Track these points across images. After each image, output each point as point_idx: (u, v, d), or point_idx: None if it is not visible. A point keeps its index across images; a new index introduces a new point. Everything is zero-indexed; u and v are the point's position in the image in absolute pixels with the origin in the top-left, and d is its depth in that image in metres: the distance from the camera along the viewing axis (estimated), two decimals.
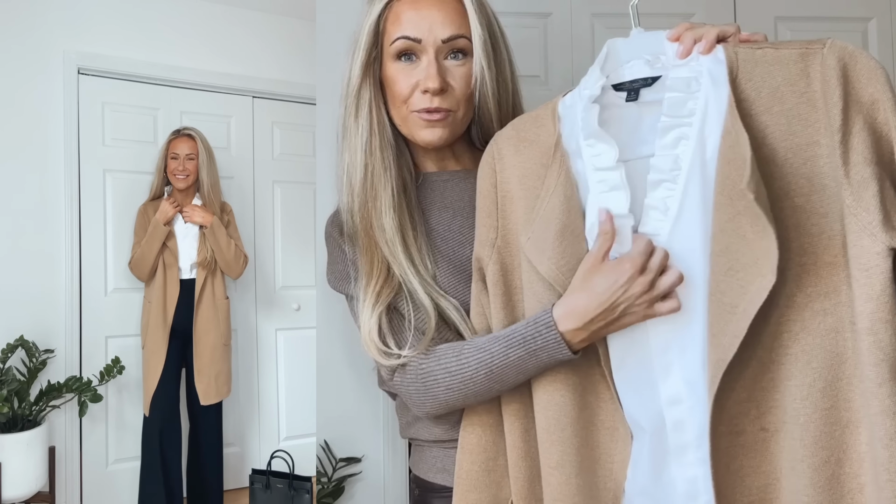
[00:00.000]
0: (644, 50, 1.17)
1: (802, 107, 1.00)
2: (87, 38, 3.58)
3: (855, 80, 0.98)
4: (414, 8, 1.34)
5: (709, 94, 1.06)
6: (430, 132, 1.36)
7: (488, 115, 1.39)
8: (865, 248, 0.94)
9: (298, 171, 4.33)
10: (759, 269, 0.95)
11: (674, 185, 1.07)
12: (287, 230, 4.34)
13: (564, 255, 1.12)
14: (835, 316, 0.98)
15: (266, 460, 3.67)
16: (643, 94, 1.15)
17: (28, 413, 3.04)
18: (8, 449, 2.91)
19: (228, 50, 4.09)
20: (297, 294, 4.33)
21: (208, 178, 3.62)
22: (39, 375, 3.16)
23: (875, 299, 0.93)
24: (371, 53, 1.38)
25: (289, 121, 4.36)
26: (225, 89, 4.09)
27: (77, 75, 3.53)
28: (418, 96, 1.34)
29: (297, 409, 4.29)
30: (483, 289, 1.27)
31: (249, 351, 4.17)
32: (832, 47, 1.00)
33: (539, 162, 1.20)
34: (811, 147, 0.99)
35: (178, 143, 3.58)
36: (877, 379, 0.92)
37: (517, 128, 1.27)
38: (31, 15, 3.43)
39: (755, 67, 1.04)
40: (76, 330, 3.43)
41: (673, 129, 1.08)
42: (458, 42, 1.34)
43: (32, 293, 3.33)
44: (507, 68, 1.42)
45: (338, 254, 1.47)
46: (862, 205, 0.95)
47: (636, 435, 1.14)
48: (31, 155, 3.39)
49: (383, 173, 1.38)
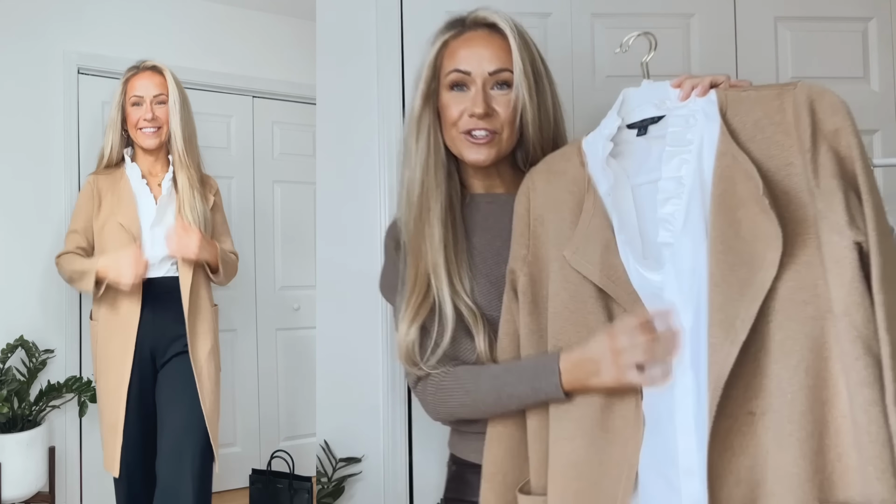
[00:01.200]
0: (652, 96, 1.40)
1: (779, 135, 1.23)
2: (87, 38, 3.56)
3: (821, 111, 1.20)
4: (466, 46, 1.61)
5: (703, 127, 1.29)
6: (476, 152, 1.60)
7: (530, 139, 1.62)
8: (835, 243, 1.13)
9: (299, 170, 4.33)
10: (760, 263, 1.14)
11: (679, 200, 1.28)
12: (287, 230, 4.35)
13: (612, 266, 1.33)
14: (813, 305, 1.14)
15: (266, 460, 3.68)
16: (651, 129, 1.39)
17: (28, 413, 3.04)
18: (8, 449, 2.91)
19: (228, 50, 4.09)
20: (296, 294, 4.33)
21: (183, 132, 2.68)
22: (39, 375, 3.15)
23: (846, 285, 1.11)
24: (430, 85, 1.64)
25: (289, 120, 4.36)
26: (225, 89, 4.08)
27: (77, 75, 3.52)
28: (466, 119, 1.59)
29: (298, 409, 4.30)
30: (514, 298, 1.48)
31: (249, 351, 4.17)
32: (802, 87, 1.24)
33: (567, 189, 1.44)
34: (788, 167, 1.21)
35: (140, 82, 2.69)
36: (853, 353, 1.09)
37: (548, 163, 1.52)
38: (31, 15, 3.42)
39: (740, 105, 1.28)
40: (76, 330, 3.42)
41: (676, 156, 1.31)
42: (503, 75, 1.59)
43: (32, 293, 3.33)
44: (548, 99, 1.64)
45: (390, 264, 1.75)
46: (831, 209, 1.14)
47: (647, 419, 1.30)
48: (31, 154, 3.38)
49: (435, 189, 1.62)
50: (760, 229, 1.16)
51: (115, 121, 2.72)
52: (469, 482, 1.62)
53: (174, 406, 2.56)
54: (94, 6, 3.61)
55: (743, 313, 1.14)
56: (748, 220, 1.18)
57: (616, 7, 2.46)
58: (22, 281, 3.30)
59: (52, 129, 3.45)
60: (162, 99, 2.66)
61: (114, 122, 2.72)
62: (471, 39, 1.62)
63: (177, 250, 2.57)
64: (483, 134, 1.59)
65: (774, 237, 1.14)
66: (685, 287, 1.24)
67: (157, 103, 2.66)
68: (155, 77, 2.69)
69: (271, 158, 4.34)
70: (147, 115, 2.63)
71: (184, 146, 2.67)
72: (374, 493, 2.30)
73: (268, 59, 4.23)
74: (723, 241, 1.19)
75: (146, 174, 2.71)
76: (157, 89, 2.67)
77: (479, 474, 1.53)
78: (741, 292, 1.15)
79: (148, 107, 2.64)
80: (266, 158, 4.32)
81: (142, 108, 2.65)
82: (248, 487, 3.56)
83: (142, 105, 2.65)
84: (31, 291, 3.32)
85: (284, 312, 4.33)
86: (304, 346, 4.24)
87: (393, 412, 2.31)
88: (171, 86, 2.66)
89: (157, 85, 2.67)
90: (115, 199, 2.67)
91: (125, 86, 2.70)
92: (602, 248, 1.35)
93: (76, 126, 3.51)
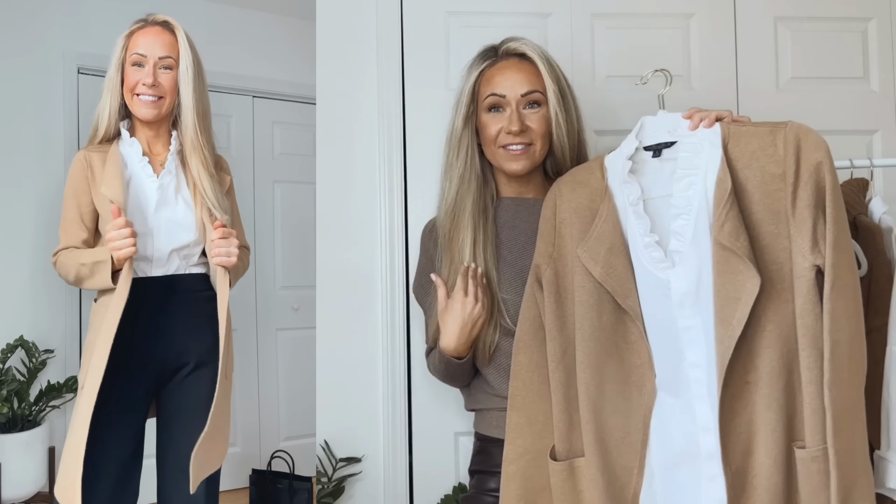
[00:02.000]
0: (666, 124, 1.64)
1: (770, 165, 1.50)
2: (86, 37, 3.57)
3: (805, 148, 1.48)
4: (500, 73, 1.88)
5: (709, 154, 1.55)
6: (515, 162, 1.87)
7: (560, 148, 1.90)
8: (799, 263, 1.47)
9: (299, 170, 4.34)
10: (750, 274, 1.45)
11: (688, 216, 1.53)
12: (287, 230, 4.35)
13: (612, 264, 1.59)
14: (791, 306, 1.48)
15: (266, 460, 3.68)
16: (664, 153, 1.62)
17: (28, 413, 3.04)
18: (8, 449, 2.91)
19: (228, 49, 4.08)
20: (296, 294, 4.33)
21: (196, 105, 2.22)
22: (39, 375, 3.16)
23: (803, 296, 1.46)
24: (469, 108, 1.91)
25: (289, 120, 4.37)
26: (225, 89, 4.07)
27: (77, 75, 3.53)
28: (503, 136, 1.86)
29: (298, 409, 4.30)
30: (539, 288, 1.71)
31: (249, 351, 4.17)
32: (791, 126, 1.51)
33: (589, 198, 1.68)
34: (777, 192, 1.49)
35: (145, 38, 2.16)
36: (803, 346, 1.46)
37: (573, 174, 1.75)
38: (31, 14, 3.42)
39: (740, 138, 1.54)
40: (76, 330, 3.43)
41: (685, 178, 1.55)
42: (533, 95, 1.86)
43: (32, 293, 3.33)
44: (573, 113, 1.91)
45: (427, 263, 2.01)
46: (800, 234, 1.46)
47: (660, 390, 1.59)
48: (31, 154, 3.38)
49: (469, 198, 1.90)
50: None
51: (113, 83, 2.17)
52: (492, 454, 1.85)
53: (184, 425, 2.16)
54: (93, 5, 3.62)
55: (738, 314, 1.46)
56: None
57: (616, 7, 2.46)
58: (21, 281, 3.30)
59: (53, 128, 3.45)
60: (168, 63, 2.15)
61: (112, 84, 2.17)
62: (504, 68, 1.89)
63: (218, 259, 2.13)
64: (519, 147, 1.86)
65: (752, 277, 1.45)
66: (691, 287, 1.52)
67: (161, 67, 2.14)
68: (164, 35, 2.17)
69: (271, 158, 4.34)
70: (147, 80, 2.12)
71: (196, 123, 2.20)
72: (374, 493, 2.30)
73: (268, 58, 4.23)
74: (723, 255, 1.48)
75: (146, 152, 2.20)
76: (163, 50, 2.14)
77: (500, 447, 1.75)
78: (737, 296, 1.46)
79: (150, 70, 2.12)
80: (266, 158, 4.32)
81: (143, 71, 2.13)
82: (249, 487, 3.56)
83: (143, 66, 2.13)
84: (30, 291, 3.32)
85: (284, 312, 4.33)
86: (303, 346, 4.24)
87: (393, 412, 2.31)
88: (182, 48, 2.18)
89: (164, 45, 2.15)
90: (111, 177, 2.11)
91: (127, 40, 2.18)
92: (606, 249, 1.60)
93: (76, 125, 3.51)
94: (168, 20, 2.21)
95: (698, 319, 1.53)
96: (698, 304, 1.52)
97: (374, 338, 2.33)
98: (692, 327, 1.54)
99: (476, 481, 1.94)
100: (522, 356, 1.72)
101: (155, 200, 2.15)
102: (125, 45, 2.17)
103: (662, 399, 1.58)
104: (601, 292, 1.61)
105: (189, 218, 2.18)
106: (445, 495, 2.27)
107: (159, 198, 2.15)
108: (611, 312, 1.61)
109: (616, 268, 1.59)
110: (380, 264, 2.34)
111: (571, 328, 1.65)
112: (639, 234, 1.57)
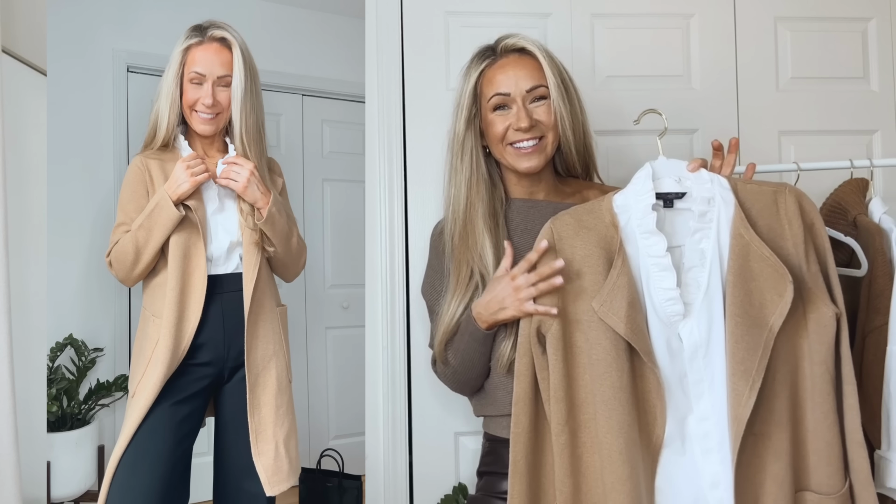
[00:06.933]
0: (671, 171, 1.69)
1: (774, 221, 1.63)
2: (135, 36, 3.58)
3: (804, 210, 1.63)
4: (502, 72, 1.84)
5: (721, 209, 1.63)
6: (527, 160, 1.83)
7: (567, 142, 1.87)
8: (824, 313, 1.57)
9: (348, 168, 4.33)
10: (780, 298, 1.53)
11: (702, 268, 1.61)
12: (336, 228, 4.34)
13: (635, 320, 1.57)
14: (795, 355, 1.58)
15: (316, 459, 3.67)
16: (676, 203, 1.68)
17: (77, 412, 3.06)
18: (57, 448, 2.92)
19: (278, 48, 4.08)
20: (346, 292, 4.32)
21: (246, 122, 2.23)
22: (88, 374, 3.17)
23: (826, 343, 1.56)
24: (472, 111, 1.87)
25: (338, 118, 4.36)
26: (274, 87, 4.06)
27: (126, 73, 3.54)
28: (511, 133, 1.82)
29: (347, 407, 4.28)
30: (537, 342, 1.64)
31: (299, 350, 4.16)
32: (791, 189, 1.65)
33: (597, 244, 1.64)
34: (780, 249, 1.60)
35: (203, 55, 2.20)
36: (826, 390, 1.56)
37: (575, 216, 1.69)
38: (81, 14, 3.44)
39: (748, 195, 1.65)
40: (125, 328, 3.44)
41: (698, 231, 1.63)
42: (538, 90, 1.83)
43: (82, 292, 3.35)
44: (577, 105, 1.87)
45: (436, 264, 1.97)
46: (819, 287, 1.58)
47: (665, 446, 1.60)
48: (81, 153, 3.40)
49: (479, 203, 1.85)
50: (767, 300, 1.55)
51: (172, 93, 2.21)
52: (501, 455, 1.80)
53: (236, 433, 2.21)
54: (143, 4, 3.63)
55: (758, 365, 1.52)
56: (758, 292, 1.56)
57: (616, 7, 2.50)
58: (71, 280, 3.32)
59: (102, 127, 3.47)
60: (227, 81, 2.20)
61: (171, 93, 2.21)
62: (505, 65, 1.85)
63: (221, 176, 2.19)
64: (530, 144, 1.82)
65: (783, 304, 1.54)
66: (703, 339, 1.58)
67: (220, 86, 2.20)
68: (223, 53, 2.20)
69: (321, 156, 4.33)
70: (207, 100, 2.17)
71: (244, 138, 2.22)
72: (374, 492, 2.32)
73: (317, 57, 4.22)
74: (740, 307, 1.55)
75: (202, 157, 2.22)
76: (222, 69, 2.19)
77: (508, 447, 1.70)
78: (755, 349, 1.53)
79: (209, 89, 2.18)
80: (315, 156, 4.31)
81: (202, 89, 2.18)
82: (298, 486, 3.54)
83: (202, 85, 2.18)
84: (80, 290, 3.34)
85: (334, 311, 4.32)
86: (352, 345, 4.21)
87: (393, 412, 2.33)
88: (237, 66, 2.20)
89: (223, 64, 2.19)
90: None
91: (185, 55, 2.20)
92: (628, 304, 1.57)
93: (125, 124, 3.53)
94: (226, 37, 2.23)
95: (708, 372, 1.58)
96: (709, 356, 1.57)
97: (375, 338, 2.35)
98: (702, 380, 1.59)
99: (484, 483, 1.90)
100: (524, 417, 1.63)
101: (214, 205, 2.25)
102: (182, 61, 2.21)
103: (667, 457, 1.59)
104: (619, 349, 1.57)
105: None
106: (445, 495, 2.27)
107: (218, 204, 2.25)
108: (629, 371, 1.57)
109: (639, 323, 1.58)
110: (380, 264, 2.35)
111: (579, 388, 1.61)
112: (662, 288, 1.60)
